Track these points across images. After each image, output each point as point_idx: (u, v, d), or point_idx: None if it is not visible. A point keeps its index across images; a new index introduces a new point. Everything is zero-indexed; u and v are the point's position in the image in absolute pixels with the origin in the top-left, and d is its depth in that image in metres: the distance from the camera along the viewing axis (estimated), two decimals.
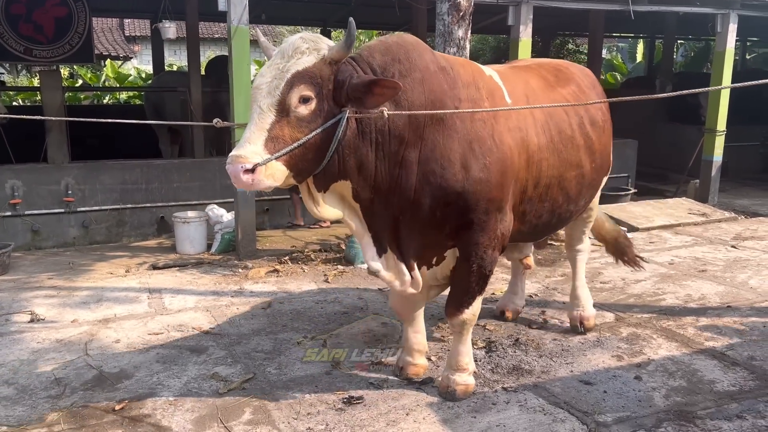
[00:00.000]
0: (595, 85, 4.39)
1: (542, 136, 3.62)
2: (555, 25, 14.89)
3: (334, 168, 3.04)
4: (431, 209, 3.25)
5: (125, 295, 5.77)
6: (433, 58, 3.27)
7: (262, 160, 2.77)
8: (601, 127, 4.11)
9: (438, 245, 3.47)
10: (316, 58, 2.89)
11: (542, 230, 4.07)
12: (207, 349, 4.54)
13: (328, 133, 2.93)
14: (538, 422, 3.51)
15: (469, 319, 3.66)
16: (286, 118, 2.84)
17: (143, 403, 3.74)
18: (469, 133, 3.24)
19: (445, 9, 5.95)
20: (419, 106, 3.11)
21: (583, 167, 3.89)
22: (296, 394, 3.83)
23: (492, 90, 3.47)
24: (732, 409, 3.67)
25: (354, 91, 2.88)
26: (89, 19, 9.01)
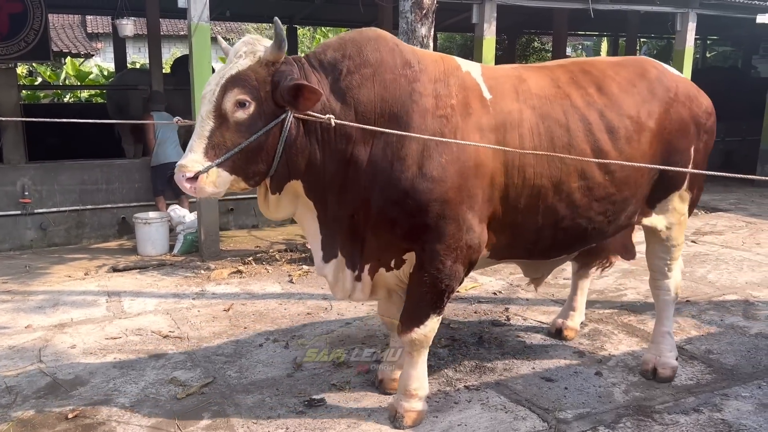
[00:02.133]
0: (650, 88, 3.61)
1: (528, 139, 3.25)
2: (520, 23, 15.02)
3: (284, 169, 3.00)
4: (381, 208, 3.09)
5: (83, 298, 5.63)
6: (394, 51, 3.13)
7: (203, 168, 2.79)
8: (627, 136, 3.46)
9: (393, 246, 3.25)
10: (252, 60, 2.86)
11: (551, 247, 3.59)
12: (166, 353, 4.45)
13: (273, 135, 2.88)
14: (500, 420, 3.51)
15: (419, 339, 3.33)
16: (226, 123, 2.82)
17: (98, 411, 3.64)
18: (427, 130, 3.05)
19: (408, 6, 5.94)
20: (367, 102, 3.02)
21: (589, 179, 3.38)
22: (256, 398, 3.77)
23: (466, 86, 3.22)
24: (689, 402, 3.72)
25: (285, 93, 2.83)
26: (45, 15, 8.77)
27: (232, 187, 2.92)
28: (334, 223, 3.20)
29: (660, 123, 3.59)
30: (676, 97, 3.66)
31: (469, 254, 3.23)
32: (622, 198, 3.55)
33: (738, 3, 10.48)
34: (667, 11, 9.89)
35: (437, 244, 3.13)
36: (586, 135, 3.36)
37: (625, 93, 3.55)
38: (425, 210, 3.06)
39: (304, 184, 3.10)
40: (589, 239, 3.69)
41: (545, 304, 5.43)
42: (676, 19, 10.00)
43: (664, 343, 4.04)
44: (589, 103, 3.44)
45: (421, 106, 3.06)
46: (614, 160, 3.39)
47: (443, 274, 3.18)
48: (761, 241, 7.68)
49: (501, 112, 3.23)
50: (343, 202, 3.13)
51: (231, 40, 21.34)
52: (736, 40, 18.37)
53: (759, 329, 4.84)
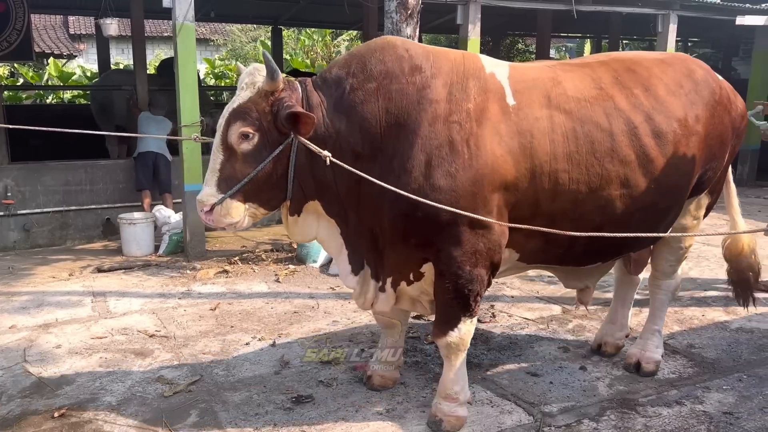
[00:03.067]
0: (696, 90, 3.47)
1: (561, 145, 3.09)
2: (504, 24, 15.11)
3: (299, 191, 3.06)
4: (393, 221, 3.05)
5: (68, 299, 5.60)
6: (402, 59, 3.04)
7: (217, 200, 2.92)
8: (675, 141, 3.31)
9: (410, 259, 3.18)
10: (252, 92, 2.93)
11: (584, 253, 3.46)
12: (152, 352, 4.44)
13: (281, 161, 2.95)
14: (486, 414, 3.55)
15: (455, 342, 3.27)
16: (234, 155, 2.92)
17: (84, 409, 3.63)
18: (437, 137, 2.95)
19: (393, 7, 5.97)
20: (371, 118, 2.99)
21: (632, 187, 3.23)
22: (244, 395, 3.78)
23: (487, 89, 3.07)
24: (672, 395, 3.78)
25: (284, 122, 2.88)
26: (28, 15, 8.70)
27: (254, 216, 3.04)
28: (357, 237, 3.21)
29: (705, 127, 3.46)
30: (720, 100, 3.56)
31: (489, 256, 3.13)
32: (666, 206, 3.43)
33: (718, 5, 10.65)
34: (649, 13, 10.02)
35: (453, 251, 3.05)
36: (630, 140, 3.20)
37: (672, 95, 3.38)
38: (435, 220, 2.98)
39: (322, 203, 3.14)
40: (625, 249, 3.59)
41: (530, 301, 5.48)
42: (657, 20, 10.13)
43: (652, 339, 4.04)
44: (635, 105, 3.27)
45: (430, 113, 2.97)
46: (660, 165, 3.27)
47: (464, 279, 3.11)
48: None
49: (525, 118, 3.08)
50: (362, 217, 3.14)
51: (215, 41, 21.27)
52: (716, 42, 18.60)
53: (739, 324, 4.93)
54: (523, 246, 3.29)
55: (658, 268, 4.00)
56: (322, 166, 2.98)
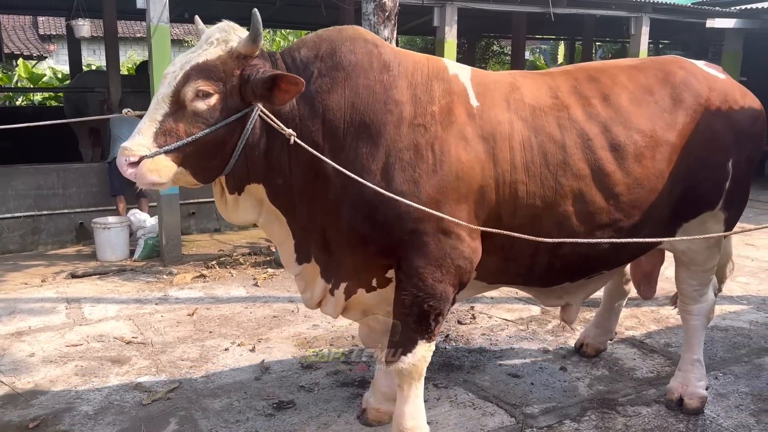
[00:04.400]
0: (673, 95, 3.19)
1: (519, 153, 2.89)
2: (480, 26, 15.22)
3: (243, 169, 2.77)
4: (352, 224, 2.82)
5: (41, 306, 5.48)
6: (372, 54, 2.86)
7: (149, 153, 2.58)
8: (636, 154, 3.05)
9: (372, 264, 2.94)
10: (223, 50, 2.66)
11: (548, 274, 3.20)
12: (130, 359, 4.36)
13: (233, 131, 2.67)
14: (468, 417, 3.55)
15: (407, 369, 2.95)
16: (182, 111, 2.62)
17: (60, 419, 3.55)
18: (402, 140, 2.76)
19: (371, 9, 5.95)
20: (336, 109, 2.77)
21: (588, 203, 2.99)
22: (224, 402, 3.73)
23: (451, 91, 2.90)
24: (651, 395, 3.83)
25: (258, 87, 2.61)
26: None
27: (178, 180, 2.70)
28: (305, 233, 2.96)
29: (684, 135, 3.15)
30: (709, 103, 3.23)
31: (458, 273, 2.88)
32: (632, 224, 3.13)
33: (689, 8, 10.85)
34: (622, 15, 10.16)
35: (416, 260, 2.82)
36: (584, 153, 2.96)
37: (637, 103, 3.13)
38: (397, 226, 2.77)
39: (268, 189, 2.86)
40: (592, 268, 3.33)
41: (509, 302, 5.51)
42: (630, 23, 10.28)
43: (692, 371, 3.67)
44: (591, 116, 3.03)
45: (396, 115, 2.78)
46: (619, 181, 3.01)
47: (424, 293, 2.84)
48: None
49: (489, 121, 2.89)
50: (314, 214, 2.89)
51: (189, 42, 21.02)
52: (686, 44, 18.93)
53: (714, 323, 4.99)
54: (482, 264, 3.00)
55: (683, 293, 3.69)
56: (279, 147, 2.75)
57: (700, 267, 3.55)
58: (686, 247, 3.45)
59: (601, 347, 4.31)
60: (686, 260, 3.53)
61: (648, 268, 3.88)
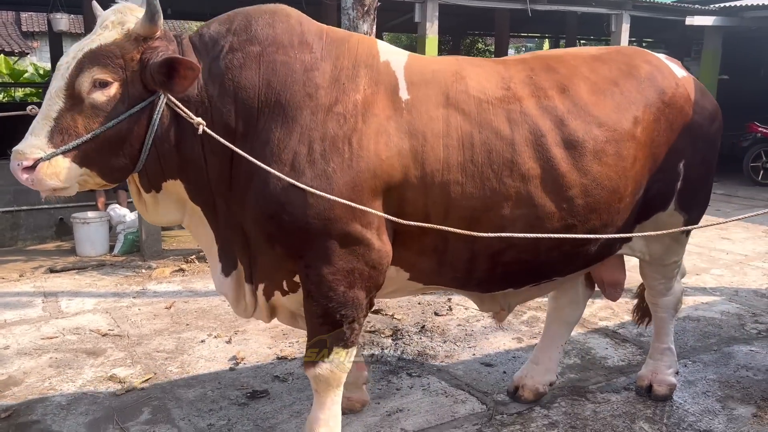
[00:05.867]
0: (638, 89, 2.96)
1: (456, 152, 2.62)
2: (464, 24, 15.29)
3: (156, 165, 2.52)
4: (258, 220, 2.56)
5: (17, 300, 5.46)
6: (293, 30, 2.60)
7: (45, 156, 2.30)
8: (596, 151, 2.79)
9: (278, 266, 2.68)
10: (120, 33, 2.39)
11: (489, 280, 2.95)
12: (105, 351, 4.36)
13: (139, 123, 2.42)
14: (440, 404, 3.59)
15: (324, 375, 2.74)
16: (79, 105, 2.36)
17: (33, 410, 3.55)
18: (318, 129, 2.50)
19: (350, 3, 5.98)
20: (249, 87, 2.51)
21: (537, 207, 2.73)
22: (198, 392, 3.75)
23: (379, 80, 2.63)
24: (620, 382, 3.89)
25: (156, 72, 2.35)
26: None
27: (85, 183, 2.45)
28: (228, 231, 2.70)
29: (648, 132, 2.94)
30: (672, 101, 3.02)
31: (372, 276, 2.65)
32: (588, 230, 2.84)
33: (668, 6, 10.97)
34: (602, 12, 10.27)
35: (324, 268, 2.56)
36: (535, 151, 2.70)
37: (600, 95, 2.87)
38: (304, 228, 2.51)
39: (186, 185, 2.61)
40: (539, 276, 3.06)
41: None
42: (611, 20, 10.39)
43: (662, 359, 3.67)
44: (546, 110, 2.76)
45: (314, 100, 2.53)
46: (574, 181, 2.75)
47: (336, 302, 2.61)
48: (694, 234, 8.01)
49: (419, 117, 2.62)
50: (232, 208, 2.65)
51: None
52: (669, 43, 19.12)
53: (686, 313, 5.08)
54: (414, 265, 2.81)
55: (649, 287, 3.61)
56: (191, 137, 2.49)
57: (662, 263, 3.42)
58: (644, 250, 3.28)
59: (541, 390, 3.62)
60: (648, 259, 3.38)
61: (616, 274, 3.50)
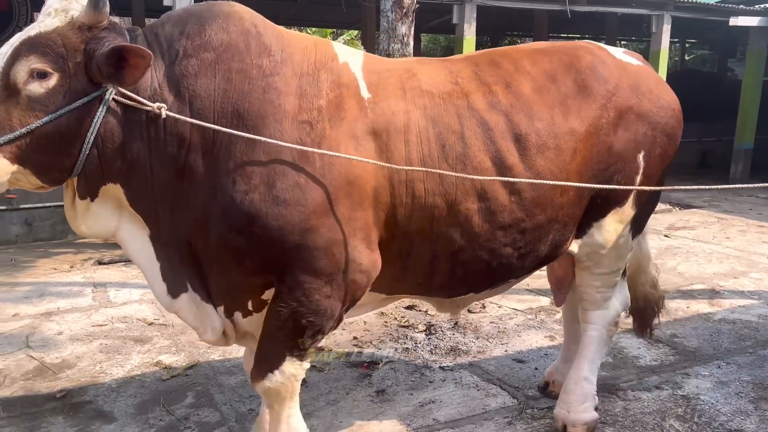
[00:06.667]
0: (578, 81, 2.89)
1: (416, 147, 2.57)
2: (502, 25, 15.28)
3: (96, 167, 2.33)
4: (223, 237, 2.40)
5: (69, 289, 5.74)
6: (249, 34, 2.48)
7: None
8: (539, 145, 2.75)
9: (246, 285, 2.55)
10: (63, 21, 2.24)
11: (449, 284, 2.88)
12: (151, 339, 4.58)
13: (80, 119, 2.24)
14: (472, 397, 3.68)
15: (275, 389, 2.61)
16: (15, 98, 2.19)
17: (85, 391, 3.77)
18: (284, 138, 2.39)
19: (389, 6, 6.10)
20: (205, 97, 2.37)
21: (491, 200, 2.69)
22: (239, 379, 3.91)
23: (340, 83, 2.55)
24: (652, 381, 3.92)
25: (102, 63, 2.19)
26: (31, 13, 8.88)
27: (18, 182, 2.27)
28: (169, 248, 2.52)
29: (591, 125, 2.85)
30: (617, 90, 2.93)
31: (353, 288, 2.56)
32: (535, 224, 2.82)
33: (712, 6, 10.80)
34: (643, 13, 10.17)
35: (302, 275, 2.46)
36: (485, 144, 2.67)
37: (540, 90, 2.83)
38: (279, 241, 2.39)
39: (126, 190, 2.43)
40: (497, 276, 2.96)
41: (520, 293, 5.61)
42: (651, 21, 10.29)
43: (575, 393, 3.30)
44: (492, 105, 2.73)
45: (277, 107, 2.41)
46: (521, 174, 2.70)
47: (306, 308, 2.50)
48: (731, 236, 7.94)
49: (382, 113, 2.55)
50: (177, 223, 2.46)
51: None
52: (713, 44, 18.74)
53: (722, 315, 5.06)
54: (380, 275, 2.67)
55: (585, 297, 3.31)
56: (137, 139, 2.34)
57: (605, 269, 3.19)
58: (595, 246, 3.10)
59: None
60: (590, 264, 3.17)
61: (560, 273, 3.45)
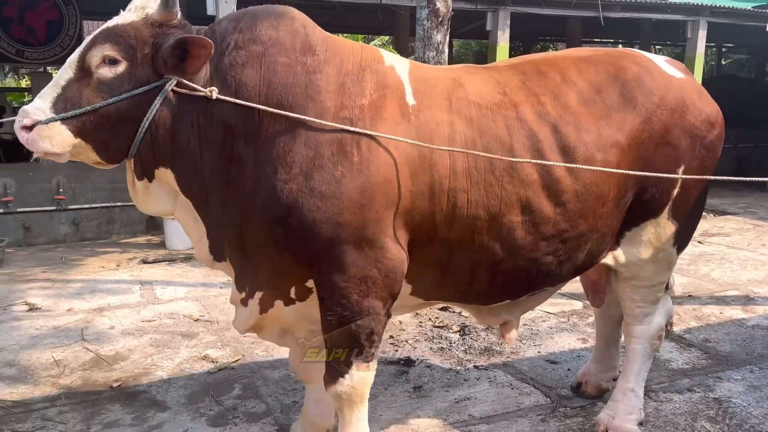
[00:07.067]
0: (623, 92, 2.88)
1: (461, 158, 2.59)
2: (535, 30, 15.33)
3: (149, 151, 2.52)
4: (264, 225, 2.50)
5: (118, 286, 6.02)
6: (296, 33, 2.58)
7: (44, 119, 2.37)
8: (587, 157, 2.76)
9: (289, 272, 2.60)
10: (138, 17, 2.47)
11: (488, 291, 2.91)
12: (198, 334, 4.80)
13: (139, 105, 2.44)
14: (506, 395, 3.81)
15: (346, 392, 2.65)
16: (88, 78, 2.41)
17: (139, 381, 4.00)
18: (323, 133, 2.46)
19: (425, 15, 6.26)
20: (250, 86, 2.48)
21: (536, 212, 2.70)
22: (282, 373, 4.10)
23: (385, 84, 2.59)
24: (684, 383, 4.00)
25: (167, 54, 2.39)
26: (80, 22, 9.27)
27: (78, 154, 2.50)
28: (219, 229, 2.65)
29: (634, 137, 2.86)
30: (662, 103, 2.92)
31: (387, 284, 2.56)
32: (577, 234, 2.84)
33: (748, 11, 10.72)
34: (678, 19, 10.15)
35: (335, 275, 2.49)
36: (533, 156, 2.69)
37: (586, 101, 2.83)
38: (313, 233, 2.44)
39: (177, 176, 2.59)
40: (535, 284, 2.99)
41: (552, 296, 5.66)
42: (687, 26, 10.26)
43: (623, 402, 3.36)
44: (541, 116, 2.74)
45: (318, 103, 2.49)
46: (568, 186, 2.73)
47: (350, 311, 2.53)
48: (767, 242, 7.90)
49: (426, 122, 2.58)
50: (228, 207, 2.58)
51: None
52: (750, 49, 18.49)
53: (756, 321, 5.09)
54: (417, 278, 2.73)
55: (626, 312, 3.36)
56: (188, 128, 2.50)
57: (644, 282, 3.22)
58: (636, 258, 3.12)
59: (604, 386, 3.76)
60: (629, 275, 3.19)
61: (594, 277, 3.51)
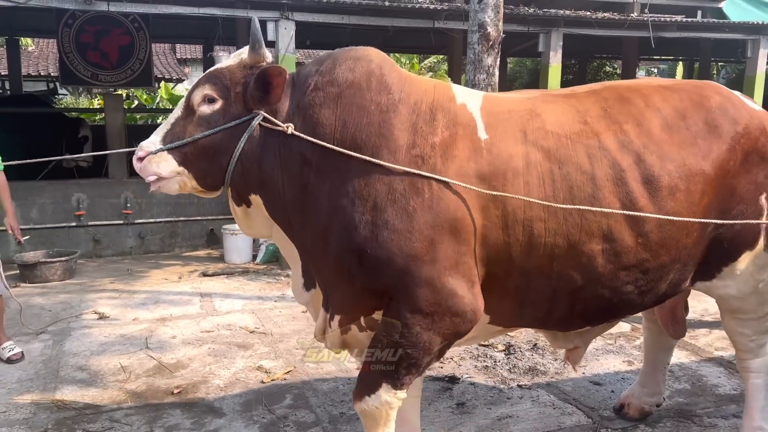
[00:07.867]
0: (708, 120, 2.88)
1: (537, 188, 2.63)
2: (591, 48, 15.23)
3: (241, 178, 2.76)
4: (338, 255, 2.61)
5: (179, 297, 6.36)
6: (372, 75, 2.71)
7: (154, 150, 2.73)
8: (671, 187, 2.74)
9: (357, 301, 2.69)
10: (235, 61, 2.81)
11: (568, 318, 2.93)
12: (252, 345, 5.05)
13: (232, 136, 2.71)
14: (548, 414, 3.89)
15: (369, 411, 2.70)
16: (192, 116, 2.76)
17: (197, 389, 4.26)
18: (395, 169, 2.56)
19: (476, 39, 6.41)
20: (326, 124, 2.65)
21: (617, 241, 2.70)
22: (331, 385, 4.30)
23: (456, 122, 2.68)
24: (730, 409, 3.97)
25: (254, 89, 2.67)
26: (149, 46, 9.81)
27: (185, 185, 2.80)
28: (303, 251, 2.84)
29: (720, 166, 2.85)
30: (747, 132, 2.91)
31: (453, 324, 2.61)
32: (659, 265, 2.83)
33: None
34: (737, 38, 9.97)
35: (403, 305, 2.57)
36: (616, 185, 2.68)
37: (671, 129, 2.83)
38: (385, 265, 2.53)
39: (264, 201, 2.81)
40: (615, 312, 3.01)
41: None
42: (746, 45, 10.05)
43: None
44: (624, 144, 2.75)
45: (392, 141, 2.59)
46: (651, 218, 2.72)
47: (406, 339, 2.58)
48: None
49: (499, 156, 2.64)
50: (304, 234, 2.76)
51: None
52: None
53: None
54: (495, 308, 2.78)
55: (738, 347, 3.31)
56: (271, 157, 2.70)
57: (750, 315, 3.16)
58: (737, 291, 3.07)
59: (647, 409, 3.80)
60: (732, 308, 3.15)
61: (670, 305, 3.51)
